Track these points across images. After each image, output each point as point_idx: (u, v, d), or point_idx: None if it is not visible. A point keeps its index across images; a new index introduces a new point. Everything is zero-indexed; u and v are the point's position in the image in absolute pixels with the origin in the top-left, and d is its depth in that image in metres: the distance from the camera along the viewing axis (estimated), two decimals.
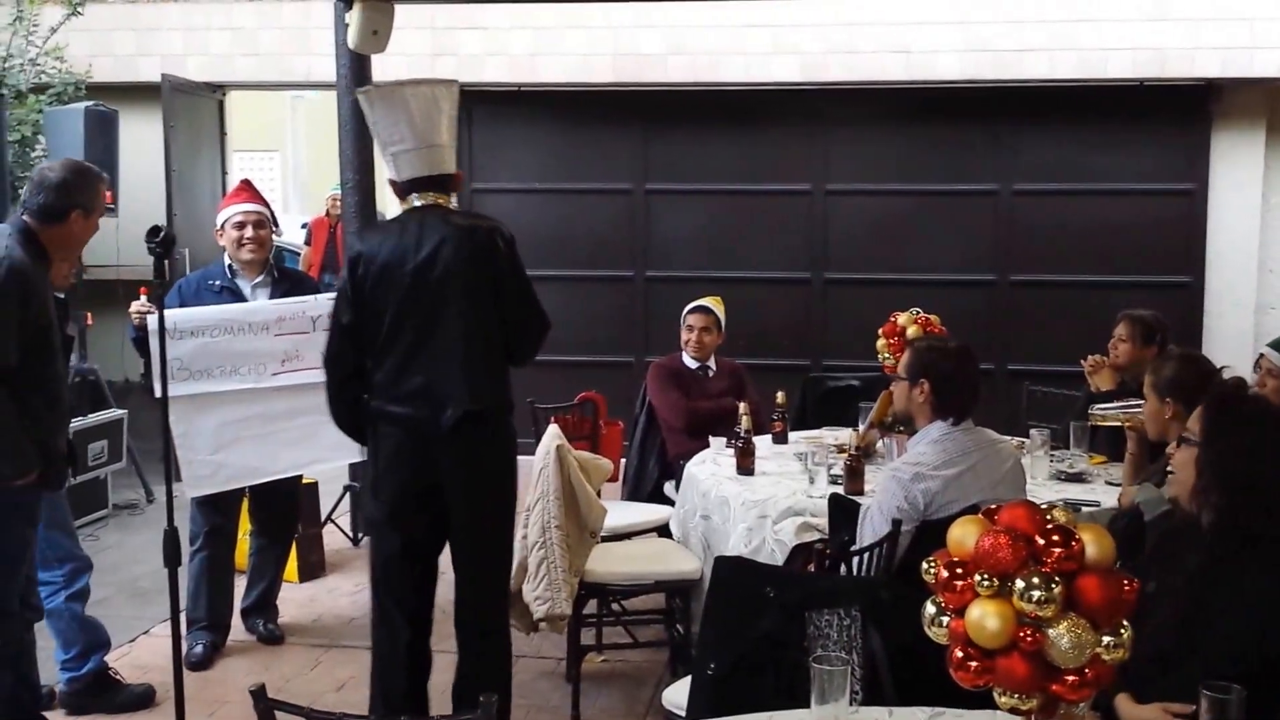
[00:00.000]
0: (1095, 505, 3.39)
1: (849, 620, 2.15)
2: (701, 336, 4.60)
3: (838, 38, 6.66)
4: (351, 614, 4.48)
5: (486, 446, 3.01)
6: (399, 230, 3.00)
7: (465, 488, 2.99)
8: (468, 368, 2.95)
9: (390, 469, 3.02)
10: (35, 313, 2.91)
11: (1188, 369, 3.03)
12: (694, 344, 4.60)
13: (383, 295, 2.94)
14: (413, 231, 2.97)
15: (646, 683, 3.81)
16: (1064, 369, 6.01)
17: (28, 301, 2.89)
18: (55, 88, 6.70)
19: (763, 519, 3.36)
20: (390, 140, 3.00)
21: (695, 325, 4.61)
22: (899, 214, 7.01)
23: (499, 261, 2.98)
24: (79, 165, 3.14)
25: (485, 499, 3.03)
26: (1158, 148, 6.82)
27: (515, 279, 3.02)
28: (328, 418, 3.12)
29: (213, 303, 3.88)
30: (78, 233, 3.05)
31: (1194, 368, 3.05)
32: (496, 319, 3.01)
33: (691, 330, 4.61)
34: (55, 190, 3.01)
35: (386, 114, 2.98)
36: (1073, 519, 1.73)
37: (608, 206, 7.20)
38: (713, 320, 4.62)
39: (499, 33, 6.88)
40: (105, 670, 3.58)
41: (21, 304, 2.88)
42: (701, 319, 4.62)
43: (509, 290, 3.00)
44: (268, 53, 7.16)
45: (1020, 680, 1.64)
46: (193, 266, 6.16)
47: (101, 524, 5.54)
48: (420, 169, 2.99)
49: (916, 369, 2.93)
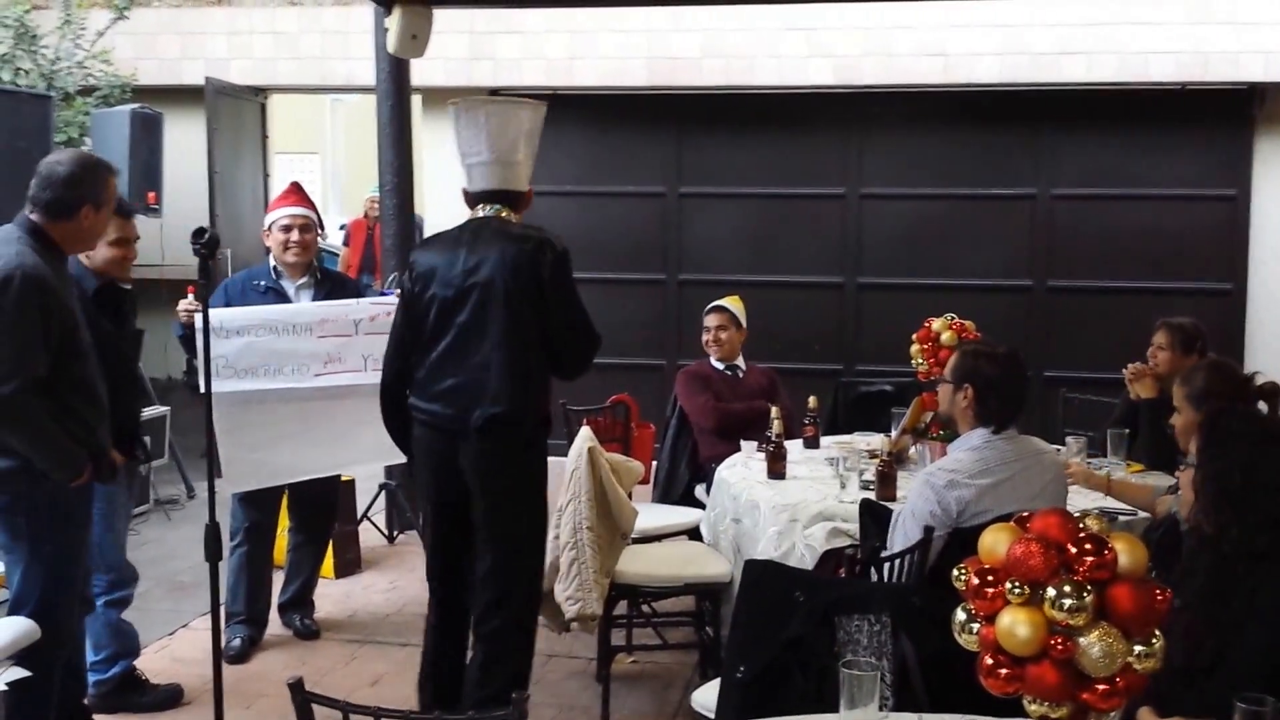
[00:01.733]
0: (1132, 514, 3.36)
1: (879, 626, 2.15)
2: (719, 335, 4.60)
3: (873, 41, 6.64)
4: (386, 610, 4.53)
5: (512, 453, 3.04)
6: (455, 237, 3.11)
7: (485, 489, 3.03)
8: (502, 373, 2.99)
9: (422, 465, 3.13)
10: (59, 317, 2.84)
11: (1219, 377, 3.00)
12: (713, 343, 4.60)
13: (429, 298, 3.04)
14: (466, 240, 3.06)
15: (675, 685, 3.83)
16: (1101, 376, 5.95)
17: (48, 308, 2.81)
18: (102, 90, 6.83)
19: (793, 523, 3.36)
20: (468, 152, 3.10)
21: (711, 325, 4.62)
22: (934, 218, 6.97)
23: (543, 273, 3.01)
24: (87, 157, 3.07)
25: (504, 503, 3.05)
26: (1199, 152, 6.72)
27: (560, 292, 3.04)
28: (367, 420, 3.18)
29: (257, 302, 3.95)
30: (89, 228, 2.96)
31: (1225, 376, 3.02)
32: (537, 330, 3.04)
33: (709, 331, 4.62)
34: (64, 185, 2.88)
35: (468, 126, 3.08)
36: (1106, 527, 1.72)
37: (641, 209, 7.22)
38: (728, 318, 4.62)
39: (535, 36, 6.93)
40: (132, 673, 3.62)
41: (43, 313, 2.79)
42: (717, 318, 4.62)
43: (552, 302, 3.04)
44: (309, 57, 7.26)
45: (1050, 688, 1.64)
46: (234, 267, 6.26)
47: (143, 519, 5.64)
48: (489, 182, 3.10)
49: (961, 373, 2.89)
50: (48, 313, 2.81)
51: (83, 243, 3.04)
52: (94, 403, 3.02)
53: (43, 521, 2.93)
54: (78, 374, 2.94)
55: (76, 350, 2.93)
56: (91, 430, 2.99)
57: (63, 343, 2.86)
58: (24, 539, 2.93)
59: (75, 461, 2.92)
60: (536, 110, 3.15)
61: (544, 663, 3.83)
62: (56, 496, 2.93)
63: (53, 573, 2.96)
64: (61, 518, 2.96)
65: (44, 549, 2.94)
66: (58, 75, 6.69)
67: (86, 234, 3.00)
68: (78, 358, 2.94)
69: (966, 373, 2.88)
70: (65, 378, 2.89)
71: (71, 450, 2.91)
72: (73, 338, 2.90)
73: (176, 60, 7.33)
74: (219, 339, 3.63)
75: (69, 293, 2.96)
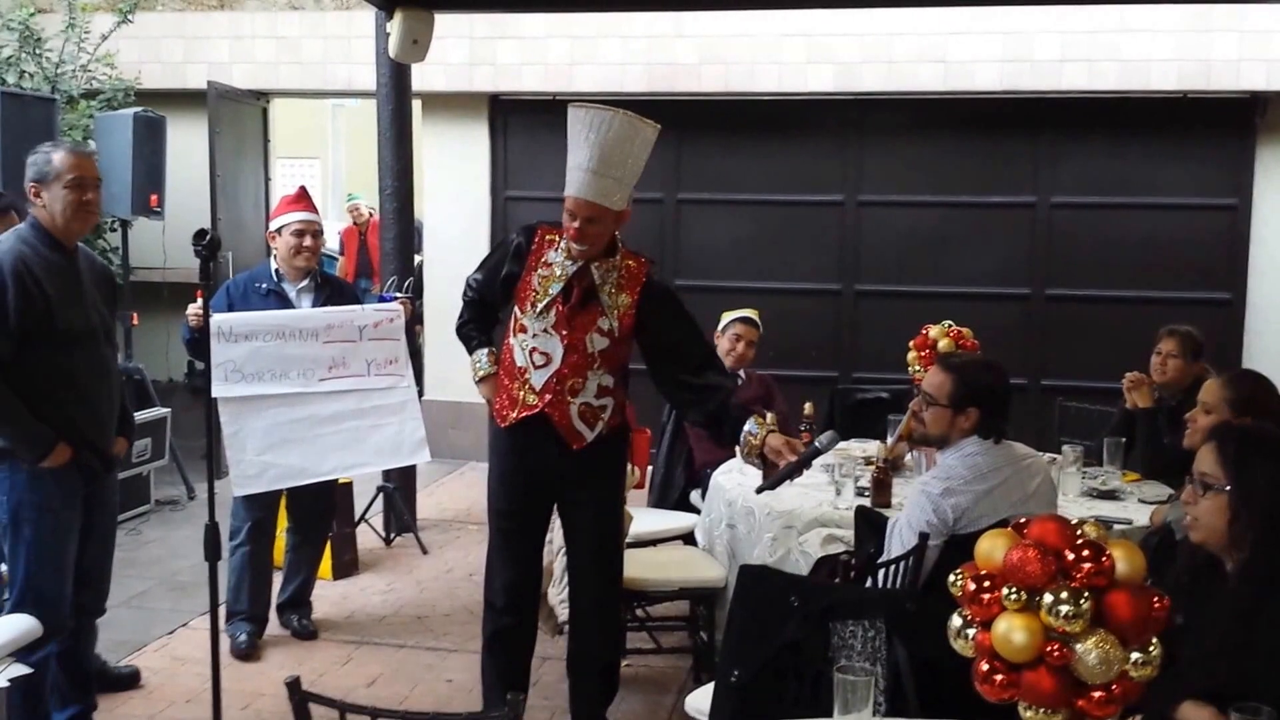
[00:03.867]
0: (1128, 523, 3.36)
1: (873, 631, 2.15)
2: (746, 350, 4.62)
3: (873, 47, 6.64)
4: (383, 612, 4.53)
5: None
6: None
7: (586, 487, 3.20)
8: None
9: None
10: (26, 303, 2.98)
11: (1258, 386, 3.02)
12: (737, 355, 4.61)
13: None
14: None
15: (669, 689, 3.82)
16: (1099, 385, 5.95)
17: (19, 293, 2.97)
18: (106, 94, 6.85)
19: (788, 529, 3.37)
20: (574, 156, 2.98)
21: (742, 336, 4.62)
22: (932, 225, 6.97)
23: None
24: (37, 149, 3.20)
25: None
26: (1200, 161, 6.72)
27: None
28: (374, 423, 3.21)
29: (259, 304, 3.97)
30: (50, 203, 3.09)
31: (1261, 384, 3.05)
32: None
33: (738, 340, 4.61)
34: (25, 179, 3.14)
35: (581, 130, 2.95)
36: (1104, 534, 1.73)
37: (639, 215, 7.13)
38: (757, 334, 4.66)
39: (535, 42, 6.94)
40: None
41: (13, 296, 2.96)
42: (750, 331, 4.63)
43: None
44: (310, 61, 7.27)
45: (1046, 695, 1.64)
46: (235, 269, 6.27)
47: (143, 519, 5.65)
48: (579, 191, 2.97)
49: (963, 396, 2.80)
50: (19, 296, 2.96)
51: (55, 219, 3.11)
52: (74, 391, 3.10)
53: (20, 503, 3.07)
54: (60, 362, 3.05)
55: (51, 336, 3.03)
56: (69, 418, 3.07)
57: (34, 327, 2.99)
58: (7, 520, 3.08)
59: (40, 440, 3.03)
60: (650, 133, 2.99)
61: (539, 665, 3.82)
62: (35, 479, 3.06)
63: (35, 555, 3.07)
64: (39, 501, 3.07)
65: (24, 530, 3.07)
66: (62, 78, 6.70)
67: (52, 210, 3.10)
68: (55, 345, 3.04)
69: (972, 395, 2.81)
70: (39, 363, 3.02)
71: (36, 428, 3.02)
72: (46, 324, 3.01)
73: (179, 64, 7.35)
74: (227, 344, 3.65)
75: (56, 281, 3.06)
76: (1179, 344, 4.12)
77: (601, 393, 3.10)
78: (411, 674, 3.91)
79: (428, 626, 4.37)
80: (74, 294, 3.12)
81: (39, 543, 3.08)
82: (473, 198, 7.26)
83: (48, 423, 3.04)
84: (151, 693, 3.72)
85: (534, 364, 3.08)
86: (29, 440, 3.03)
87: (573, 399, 3.07)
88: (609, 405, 3.14)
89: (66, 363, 3.08)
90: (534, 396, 3.08)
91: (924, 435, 2.94)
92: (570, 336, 3.05)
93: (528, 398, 3.09)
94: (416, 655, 4.08)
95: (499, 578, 3.26)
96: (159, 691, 3.73)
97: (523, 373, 3.10)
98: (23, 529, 3.08)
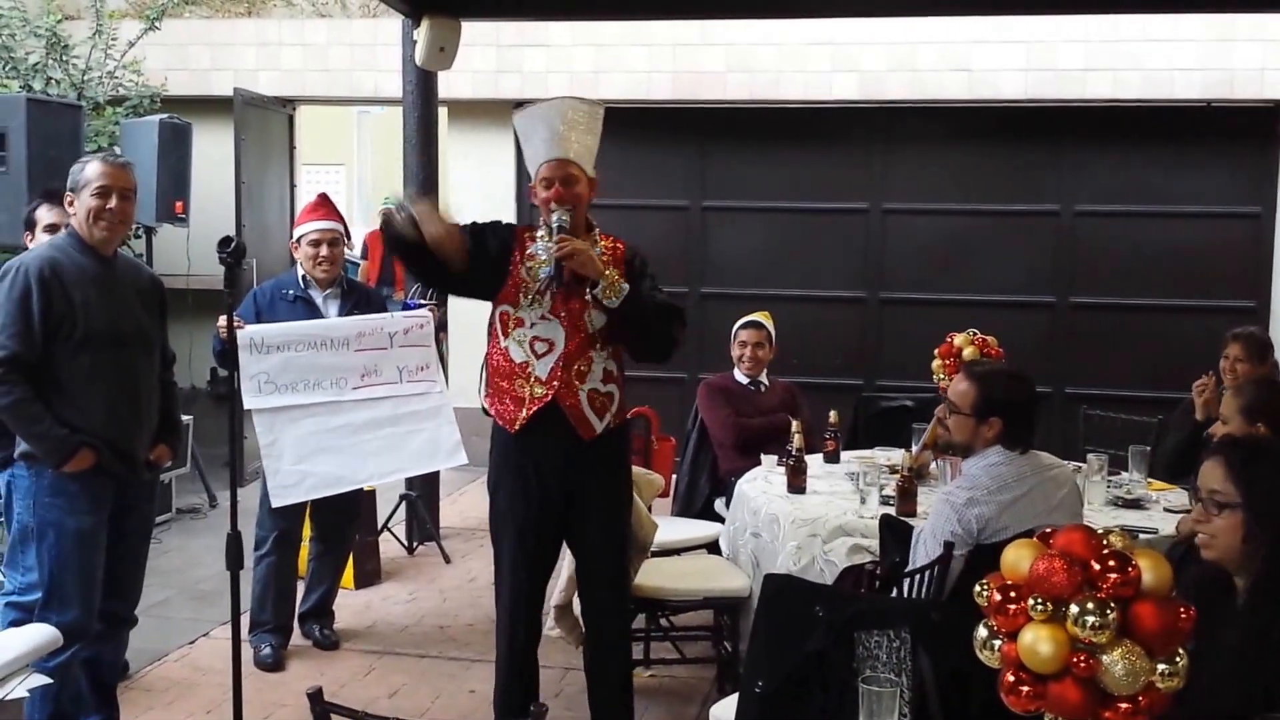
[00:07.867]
0: (1153, 532, 3.33)
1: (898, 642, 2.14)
2: (755, 352, 4.61)
3: (899, 56, 6.64)
4: (405, 622, 4.54)
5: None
6: None
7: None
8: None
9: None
10: (57, 307, 3.05)
11: (1269, 391, 2.97)
12: (749, 360, 4.61)
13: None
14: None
15: (694, 699, 3.82)
16: (1123, 393, 5.92)
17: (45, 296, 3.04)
18: (132, 100, 6.90)
19: (813, 538, 3.35)
20: (533, 141, 3.06)
21: (749, 341, 4.62)
22: (957, 234, 6.95)
23: None
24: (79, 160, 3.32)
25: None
26: (1224, 170, 6.67)
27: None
28: (410, 429, 3.22)
29: (286, 310, 3.99)
30: (79, 210, 3.17)
31: (1273, 389, 3.00)
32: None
33: (745, 346, 4.62)
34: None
35: (530, 122, 3.05)
36: (1130, 544, 1.71)
37: (664, 223, 7.24)
38: (765, 335, 4.64)
39: (561, 50, 6.97)
40: None
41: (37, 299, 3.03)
42: (755, 334, 4.63)
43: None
44: (337, 69, 7.34)
45: (1072, 707, 1.63)
46: (260, 276, 6.31)
47: (165, 528, 5.67)
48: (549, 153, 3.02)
49: (987, 405, 2.79)
50: (43, 300, 3.03)
51: (82, 226, 3.19)
52: (101, 397, 3.12)
53: (43, 507, 3.11)
54: (87, 366, 3.09)
55: (80, 341, 3.07)
56: (95, 423, 3.10)
57: (60, 331, 3.05)
58: (32, 523, 3.12)
59: (61, 445, 3.06)
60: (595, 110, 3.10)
61: (562, 675, 3.83)
62: (58, 483, 3.09)
63: (58, 559, 3.10)
64: (63, 505, 3.10)
65: (47, 534, 3.11)
66: (88, 85, 6.77)
67: (79, 217, 3.18)
68: (83, 349, 3.08)
69: (995, 404, 2.79)
70: (66, 367, 3.07)
71: (57, 433, 3.05)
72: (71, 328, 3.07)
73: (206, 71, 7.42)
74: (259, 355, 3.67)
75: (88, 287, 3.12)
76: (1245, 347, 4.04)
77: (607, 378, 3.11)
78: (434, 684, 3.90)
79: (450, 636, 4.37)
80: (107, 300, 3.15)
81: (61, 546, 3.10)
82: (498, 205, 7.30)
83: (72, 427, 3.06)
84: (171, 703, 3.73)
85: (536, 353, 3.06)
86: (50, 444, 3.06)
87: (580, 384, 3.06)
88: (615, 394, 3.14)
89: (94, 368, 3.10)
90: (541, 387, 3.05)
91: (949, 443, 2.94)
92: (569, 318, 3.05)
93: (535, 390, 3.05)
94: (439, 665, 4.07)
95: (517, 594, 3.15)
96: (179, 702, 3.73)
97: (524, 368, 3.07)
98: (46, 533, 3.11)
